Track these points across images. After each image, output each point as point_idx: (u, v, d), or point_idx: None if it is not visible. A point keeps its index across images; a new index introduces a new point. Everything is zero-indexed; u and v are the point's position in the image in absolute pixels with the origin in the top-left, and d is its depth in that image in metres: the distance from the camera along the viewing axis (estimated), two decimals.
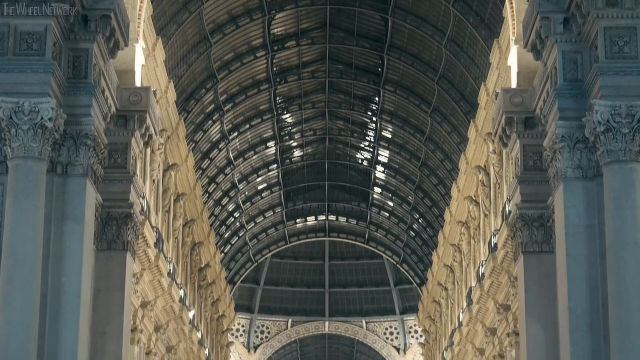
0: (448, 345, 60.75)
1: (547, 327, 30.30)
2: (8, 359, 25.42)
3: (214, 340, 71.15)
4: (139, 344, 43.96)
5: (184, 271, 56.08)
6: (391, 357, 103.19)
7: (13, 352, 25.40)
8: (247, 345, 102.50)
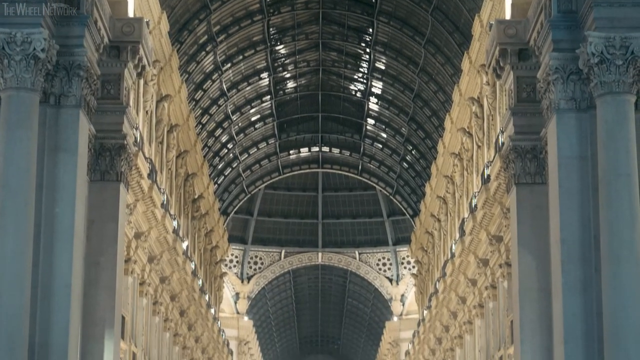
0: (440, 276, 61.15)
1: (538, 257, 30.49)
2: (2, 289, 25.60)
3: (207, 270, 71.54)
4: (132, 274, 44.20)
5: (177, 202, 56.20)
6: (384, 287, 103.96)
7: (7, 282, 25.56)
8: (240, 276, 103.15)
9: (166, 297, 53.75)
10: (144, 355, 47.65)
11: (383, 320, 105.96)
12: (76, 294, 28.02)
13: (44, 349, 26.53)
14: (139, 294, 46.52)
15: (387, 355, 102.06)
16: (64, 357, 26.80)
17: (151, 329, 49.98)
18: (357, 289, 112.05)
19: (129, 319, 43.51)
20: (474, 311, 51.95)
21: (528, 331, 30.10)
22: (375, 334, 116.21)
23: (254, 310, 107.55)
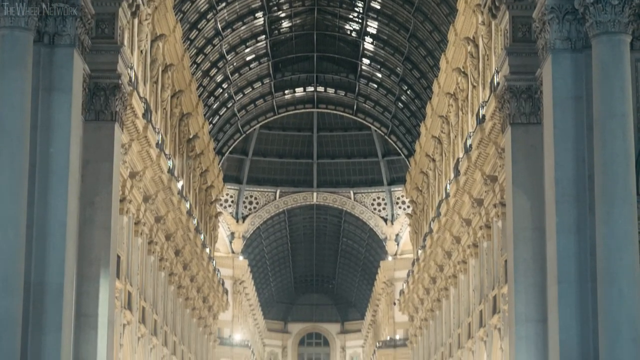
0: (435, 215, 61.34)
1: (533, 197, 30.56)
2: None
3: (203, 210, 71.70)
4: (127, 213, 44.29)
5: (172, 142, 56.16)
6: (378, 227, 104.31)
7: (2, 221, 25.62)
8: (236, 216, 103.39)
9: (161, 237, 53.92)
10: (139, 295, 47.90)
11: (378, 260, 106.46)
12: (71, 233, 28.09)
13: (39, 288, 26.67)
14: (134, 234, 46.66)
15: (382, 294, 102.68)
16: (59, 296, 26.94)
17: (146, 269, 50.22)
18: (352, 228, 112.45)
19: (124, 258, 43.68)
20: (468, 251, 52.19)
21: (522, 271, 30.25)
22: (369, 274, 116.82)
23: (249, 249, 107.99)
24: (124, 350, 44.45)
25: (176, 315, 60.43)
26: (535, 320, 29.59)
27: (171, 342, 57.87)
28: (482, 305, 48.32)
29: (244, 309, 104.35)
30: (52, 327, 26.70)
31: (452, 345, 58.38)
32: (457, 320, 57.03)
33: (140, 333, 48.05)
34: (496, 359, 44.63)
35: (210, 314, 77.01)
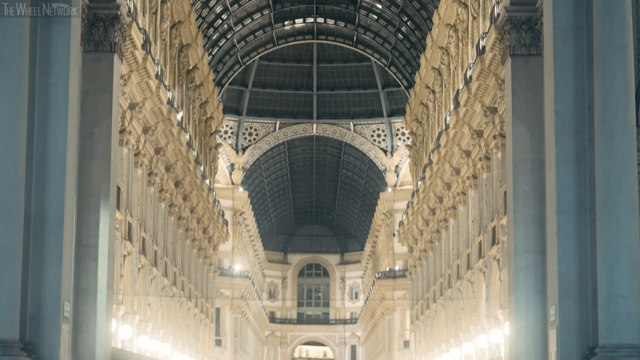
0: (434, 147, 61.35)
1: (533, 129, 30.54)
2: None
3: (202, 141, 71.68)
4: (127, 145, 44.29)
5: (172, 73, 55.96)
6: (378, 158, 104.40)
7: (1, 153, 25.60)
8: (235, 147, 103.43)
9: (161, 168, 53.98)
10: (139, 226, 48.09)
11: (377, 191, 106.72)
12: (71, 164, 28.10)
13: (39, 219, 26.75)
14: (134, 165, 46.71)
15: (381, 225, 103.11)
16: (59, 227, 27.03)
17: (146, 200, 50.35)
18: (352, 160, 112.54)
19: (124, 189, 43.77)
20: (468, 182, 52.30)
21: (521, 202, 30.34)
22: (369, 205, 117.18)
23: (249, 181, 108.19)
24: (124, 281, 44.76)
25: (176, 247, 60.74)
26: (534, 251, 29.74)
27: (171, 273, 58.24)
28: (481, 237, 48.56)
29: (244, 240, 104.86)
30: (52, 258, 26.83)
31: (451, 276, 58.75)
32: (456, 251, 57.32)
33: (140, 264, 48.34)
34: (495, 289, 44.95)
35: (210, 245, 77.41)
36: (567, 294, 26.56)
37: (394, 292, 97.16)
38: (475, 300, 50.18)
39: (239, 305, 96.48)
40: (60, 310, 26.77)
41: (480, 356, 46.94)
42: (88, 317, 29.58)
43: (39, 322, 26.44)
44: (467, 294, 52.46)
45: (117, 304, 40.86)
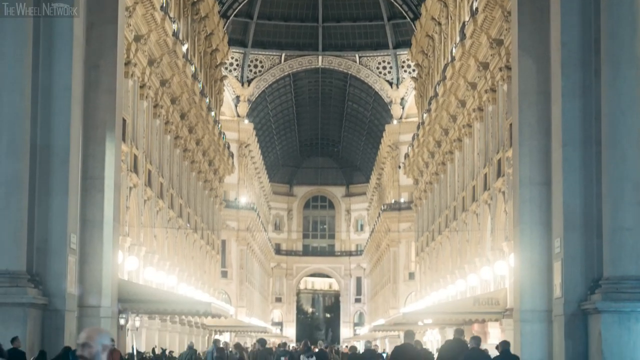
0: (440, 79, 61.17)
1: (539, 61, 30.38)
2: (2, 93, 25.71)
3: (208, 74, 71.50)
4: (132, 77, 44.20)
5: (177, 5, 55.65)
6: (384, 90, 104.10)
7: (7, 86, 25.68)
8: (241, 79, 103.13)
9: (167, 100, 53.93)
10: (145, 158, 48.19)
11: (383, 124, 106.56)
12: (76, 96, 28.09)
13: (45, 151, 26.79)
14: (140, 97, 46.67)
15: (387, 158, 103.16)
16: (65, 159, 27.10)
17: (152, 132, 50.38)
18: (357, 92, 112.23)
19: (129, 121, 43.79)
20: (474, 114, 52.22)
21: (527, 134, 30.29)
22: (375, 137, 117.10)
23: (254, 113, 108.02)
24: (130, 213, 44.96)
25: (182, 179, 60.90)
26: (540, 183, 29.76)
27: (177, 205, 58.46)
28: (486, 169, 48.61)
29: (250, 172, 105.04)
30: (58, 189, 26.93)
31: (456, 209, 58.94)
32: (461, 183, 57.43)
33: (146, 196, 48.52)
34: (500, 221, 45.11)
35: (216, 177, 77.59)
36: (572, 226, 26.65)
37: (399, 224, 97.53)
38: (480, 232, 50.40)
39: (244, 237, 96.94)
40: (66, 241, 26.94)
41: (485, 288, 47.26)
42: (94, 248, 29.77)
43: (45, 254, 26.63)
44: (472, 226, 52.67)
45: (124, 236, 41.10)
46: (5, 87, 25.68)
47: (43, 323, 26.32)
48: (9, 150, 25.56)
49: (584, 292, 26.21)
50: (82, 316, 29.03)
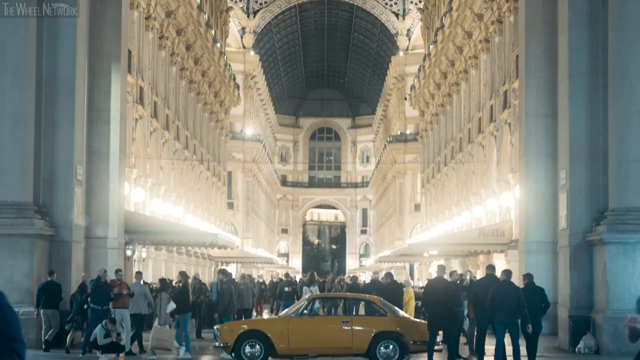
0: (446, 10, 60.75)
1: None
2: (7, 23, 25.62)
3: (213, 5, 71.04)
4: (138, 8, 43.94)
5: None
6: (390, 22, 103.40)
7: (12, 16, 25.53)
8: (246, 10, 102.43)
9: (172, 32, 53.65)
10: (151, 89, 48.09)
11: (389, 55, 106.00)
12: (81, 28, 27.99)
13: (51, 83, 26.75)
14: (145, 29, 46.44)
15: (393, 89, 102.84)
16: (71, 90, 27.06)
17: (157, 64, 50.21)
18: (364, 23, 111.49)
19: (135, 53, 43.63)
20: (480, 46, 51.94)
21: (533, 65, 30.19)
22: (381, 69, 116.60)
23: (260, 44, 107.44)
24: (136, 145, 45.00)
25: (188, 110, 60.82)
26: (546, 114, 29.73)
27: (183, 136, 58.47)
28: (492, 100, 48.49)
29: (256, 103, 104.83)
30: (64, 121, 26.94)
31: (462, 140, 58.91)
32: (467, 115, 57.33)
33: (152, 127, 48.52)
34: (506, 153, 45.12)
35: (221, 109, 77.47)
36: (577, 157, 26.67)
37: (405, 156, 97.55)
38: (486, 163, 50.42)
39: (250, 168, 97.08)
40: (73, 173, 27.02)
41: (491, 219, 47.41)
42: (101, 180, 29.86)
43: (52, 185, 26.73)
44: (478, 157, 52.67)
45: (130, 168, 41.18)
46: (9, 19, 25.56)
47: (50, 254, 26.50)
48: (15, 82, 25.53)
49: (589, 223, 26.30)
50: (89, 247, 29.22)
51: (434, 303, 21.43)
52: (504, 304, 20.10)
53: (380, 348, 20.99)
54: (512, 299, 20.11)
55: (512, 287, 20.59)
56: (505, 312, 20.14)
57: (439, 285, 21.70)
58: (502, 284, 20.68)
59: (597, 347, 24.87)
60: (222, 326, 21.93)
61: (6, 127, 25.53)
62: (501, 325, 20.32)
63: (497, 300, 20.17)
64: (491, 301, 20.27)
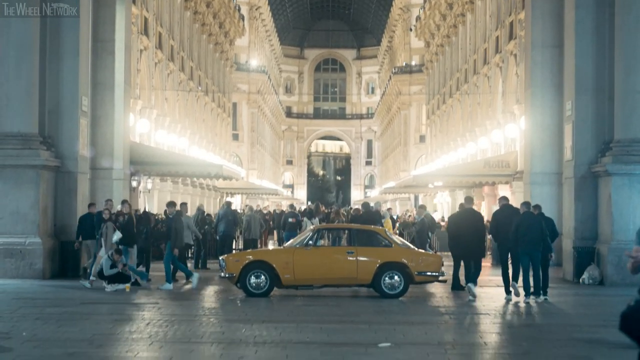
0: None
1: None
2: None
3: None
4: None
5: None
6: None
7: None
8: None
9: None
10: (156, 20, 47.85)
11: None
12: None
13: (55, 14, 26.58)
14: None
15: (398, 20, 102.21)
16: (75, 22, 26.89)
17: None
18: None
19: None
20: None
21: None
22: (386, 0, 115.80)
23: None
24: (141, 76, 44.91)
25: (192, 41, 60.56)
26: (552, 45, 29.58)
27: (188, 67, 58.30)
28: (498, 31, 48.21)
29: (260, 35, 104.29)
30: (69, 52, 26.85)
31: (467, 71, 58.69)
32: (473, 46, 57.04)
33: (157, 59, 48.36)
34: (511, 84, 44.97)
35: (226, 40, 77.11)
36: (583, 88, 26.57)
37: (410, 87, 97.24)
38: (491, 95, 50.29)
39: (255, 99, 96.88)
40: (78, 104, 27.00)
41: (496, 150, 47.40)
42: (106, 111, 29.85)
43: (57, 116, 26.73)
44: (484, 88, 52.52)
45: (135, 99, 41.13)
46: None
47: (56, 185, 26.58)
48: (19, 13, 25.40)
49: (594, 154, 26.30)
50: (94, 178, 29.31)
51: (465, 233, 21.94)
52: (529, 235, 20.73)
53: (385, 278, 21.12)
54: (536, 230, 20.80)
55: (535, 218, 21.17)
56: (530, 242, 20.75)
57: (468, 215, 22.07)
58: (524, 215, 21.18)
59: (601, 277, 25.01)
60: (228, 257, 22.06)
61: (11, 58, 25.47)
62: (526, 255, 20.86)
63: (522, 231, 20.74)
64: (515, 232, 20.78)
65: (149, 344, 14.13)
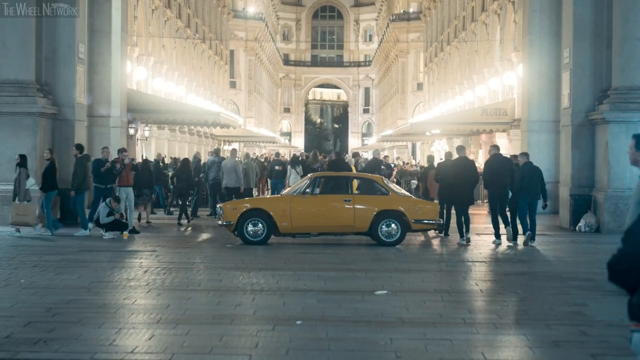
0: None
1: None
2: None
3: None
4: None
5: None
6: None
7: None
8: None
9: None
10: None
11: None
12: None
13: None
14: None
15: None
16: None
17: None
18: None
19: None
20: None
21: None
22: None
23: None
24: (138, 23, 44.67)
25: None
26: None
27: (185, 14, 57.99)
28: None
29: None
30: None
31: (465, 19, 58.42)
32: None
33: (154, 5, 48.09)
34: (509, 32, 44.80)
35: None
36: (581, 35, 26.46)
37: (408, 35, 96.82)
38: (489, 42, 50.10)
39: (252, 47, 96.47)
40: (75, 51, 26.89)
41: (493, 98, 47.32)
42: (103, 58, 29.76)
43: (54, 63, 26.64)
44: (481, 36, 52.31)
45: (132, 46, 40.96)
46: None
47: (53, 132, 26.55)
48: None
49: (591, 102, 26.27)
50: (91, 126, 29.29)
51: (456, 182, 22.11)
52: (531, 184, 21.42)
53: (382, 226, 21.17)
54: (537, 179, 21.52)
55: (535, 168, 21.73)
56: (531, 191, 21.43)
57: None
58: (525, 165, 21.70)
59: (597, 225, 25.09)
60: (225, 205, 22.07)
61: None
62: (526, 203, 21.43)
63: (525, 180, 21.36)
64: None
65: (147, 291, 14.20)
